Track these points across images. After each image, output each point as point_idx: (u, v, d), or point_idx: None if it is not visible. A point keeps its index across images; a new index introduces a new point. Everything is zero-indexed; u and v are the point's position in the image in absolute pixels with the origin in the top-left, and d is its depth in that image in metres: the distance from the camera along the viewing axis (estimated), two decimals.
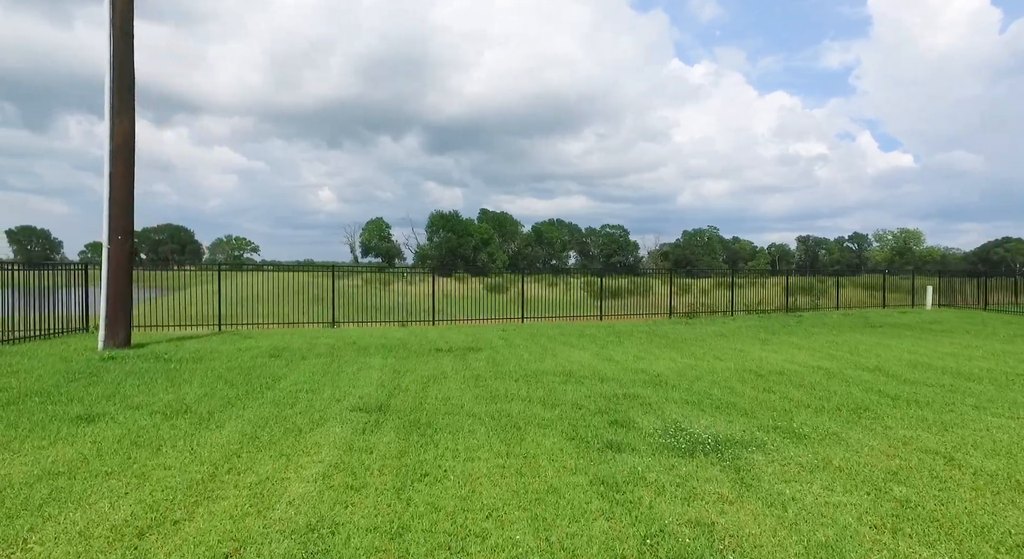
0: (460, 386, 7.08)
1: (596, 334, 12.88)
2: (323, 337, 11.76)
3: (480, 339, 11.77)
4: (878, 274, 23.26)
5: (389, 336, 12.15)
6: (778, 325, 14.84)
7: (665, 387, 7.10)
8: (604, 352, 10.07)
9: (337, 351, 9.77)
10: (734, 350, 10.30)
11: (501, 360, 9.07)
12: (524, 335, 12.62)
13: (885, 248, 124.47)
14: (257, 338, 11.44)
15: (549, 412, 5.83)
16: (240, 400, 6.13)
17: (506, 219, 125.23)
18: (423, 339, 11.70)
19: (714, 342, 11.46)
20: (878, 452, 4.60)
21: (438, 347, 10.39)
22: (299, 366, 8.27)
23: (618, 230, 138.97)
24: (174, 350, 9.49)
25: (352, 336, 12.01)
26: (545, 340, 11.74)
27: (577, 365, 8.69)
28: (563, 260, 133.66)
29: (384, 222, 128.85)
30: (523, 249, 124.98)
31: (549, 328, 14.34)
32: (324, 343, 10.77)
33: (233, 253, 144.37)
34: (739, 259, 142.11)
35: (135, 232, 9.49)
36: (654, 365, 8.72)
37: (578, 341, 11.61)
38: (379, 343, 10.90)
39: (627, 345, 11.04)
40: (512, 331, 13.45)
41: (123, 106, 9.15)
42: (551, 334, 12.85)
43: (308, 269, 15.01)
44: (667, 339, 11.96)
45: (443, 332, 13.16)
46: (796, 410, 5.95)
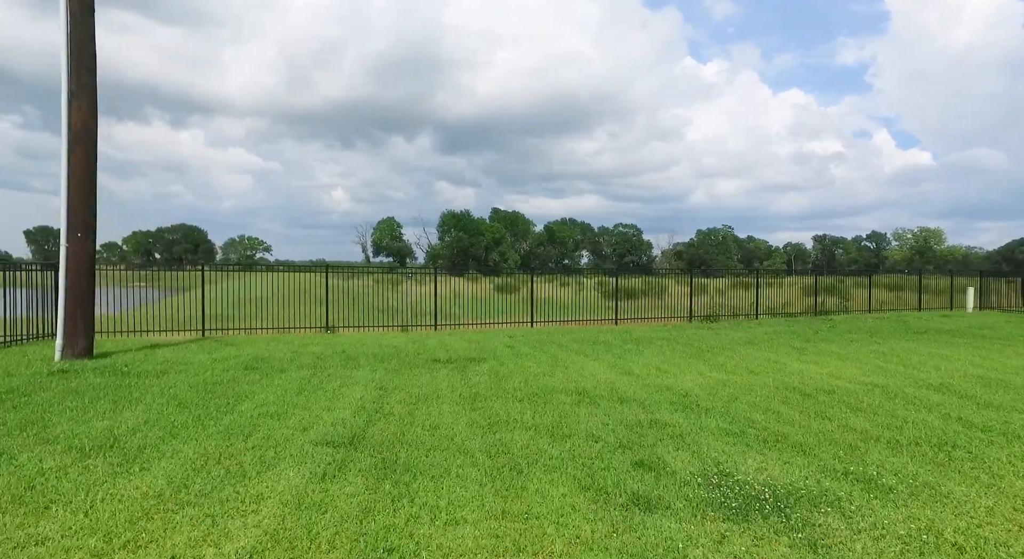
0: (454, 409, 6.01)
1: (612, 341, 11.76)
2: (312, 345, 10.76)
3: (484, 347, 10.70)
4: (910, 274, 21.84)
5: (385, 343, 11.12)
6: (809, 330, 13.62)
7: (697, 410, 5.98)
8: (621, 363, 8.95)
9: (322, 362, 8.75)
10: (768, 361, 9.14)
11: (505, 374, 7.99)
12: (533, 342, 11.53)
13: (904, 247, 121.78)
14: (240, 346, 10.46)
15: (558, 447, 4.74)
16: (187, 429, 5.11)
17: (518, 218, 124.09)
18: (421, 347, 10.66)
19: (743, 351, 10.29)
20: (1000, 517, 3.46)
21: (436, 357, 9.33)
22: (274, 381, 7.24)
23: (631, 229, 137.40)
24: (140, 361, 8.52)
25: (344, 343, 10.99)
26: (555, 348, 10.65)
27: (591, 380, 7.59)
28: (575, 260, 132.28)
29: (395, 222, 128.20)
30: (535, 248, 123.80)
31: (560, 334, 13.24)
32: (311, 352, 9.76)
33: (246, 253, 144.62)
34: (754, 258, 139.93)
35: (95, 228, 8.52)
36: (680, 380, 7.59)
37: (592, 350, 10.50)
38: (371, 352, 9.86)
39: (647, 354, 9.91)
40: (520, 337, 12.36)
41: (82, 89, 8.19)
42: (562, 341, 11.74)
43: (300, 269, 14.01)
44: (691, 347, 10.81)
45: (444, 339, 12.11)
46: (865, 446, 4.80)
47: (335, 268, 13.91)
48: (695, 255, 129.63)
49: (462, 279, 19.77)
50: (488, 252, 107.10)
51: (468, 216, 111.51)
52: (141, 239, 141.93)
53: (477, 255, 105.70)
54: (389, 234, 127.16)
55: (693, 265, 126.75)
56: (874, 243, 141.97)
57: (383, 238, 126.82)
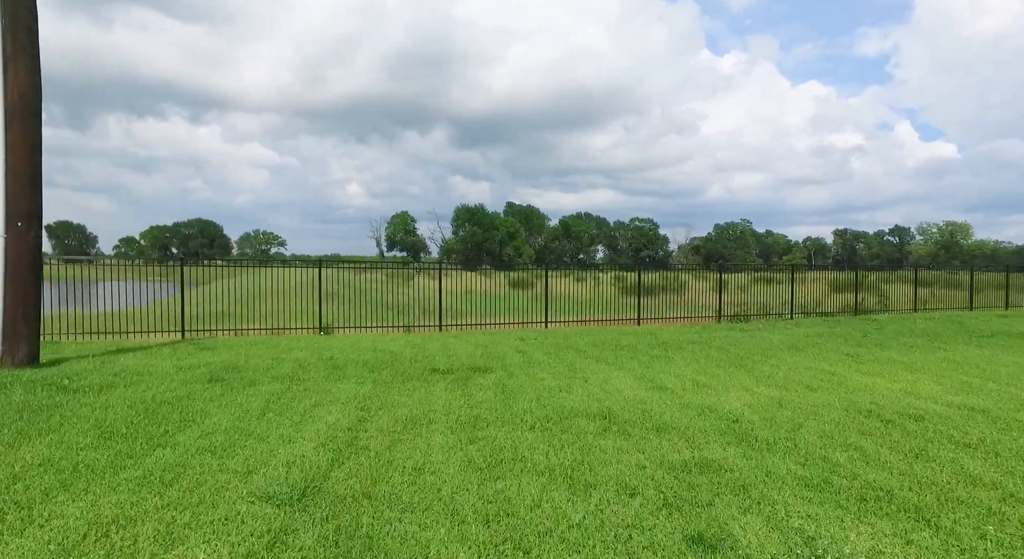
0: (447, 440, 4.77)
1: (636, 345, 10.44)
2: (299, 349, 9.58)
3: (492, 353, 9.45)
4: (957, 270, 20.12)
5: (380, 348, 9.91)
6: (856, 333, 12.18)
7: (756, 444, 4.67)
8: (650, 374, 7.65)
9: (303, 372, 7.55)
10: (823, 373, 7.77)
11: (514, 389, 6.73)
12: (547, 346, 10.26)
13: (929, 242, 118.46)
14: (217, 350, 9.31)
15: (581, 505, 3.48)
16: (94, 473, 3.91)
17: (532, 212, 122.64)
18: (420, 353, 9.43)
19: (789, 359, 8.93)
20: None
21: (435, 366, 8.10)
22: (236, 398, 6.05)
23: (647, 224, 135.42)
24: (91, 371, 7.39)
25: (334, 348, 9.79)
26: (573, 354, 9.36)
27: (617, 398, 6.30)
28: (591, 254, 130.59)
29: (409, 216, 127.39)
30: (550, 243, 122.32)
31: (578, 336, 11.95)
32: (294, 359, 8.57)
33: (260, 247, 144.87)
34: (772, 253, 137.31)
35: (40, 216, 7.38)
36: (725, 399, 6.28)
37: (615, 356, 9.20)
38: (363, 359, 8.66)
39: (678, 363, 8.59)
40: (533, 341, 11.09)
41: (18, 50, 7.01)
42: (581, 345, 10.45)
43: (293, 264, 12.85)
44: (727, 354, 9.46)
45: (448, 342, 10.87)
46: (1010, 509, 3.47)
47: (329, 263, 12.72)
48: (713, 250, 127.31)
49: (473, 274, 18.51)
50: (502, 247, 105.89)
51: (482, 210, 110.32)
52: (158, 234, 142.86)
53: (491, 250, 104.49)
54: (403, 228, 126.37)
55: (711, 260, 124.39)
56: (897, 238, 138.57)
57: (397, 232, 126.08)
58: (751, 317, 15.81)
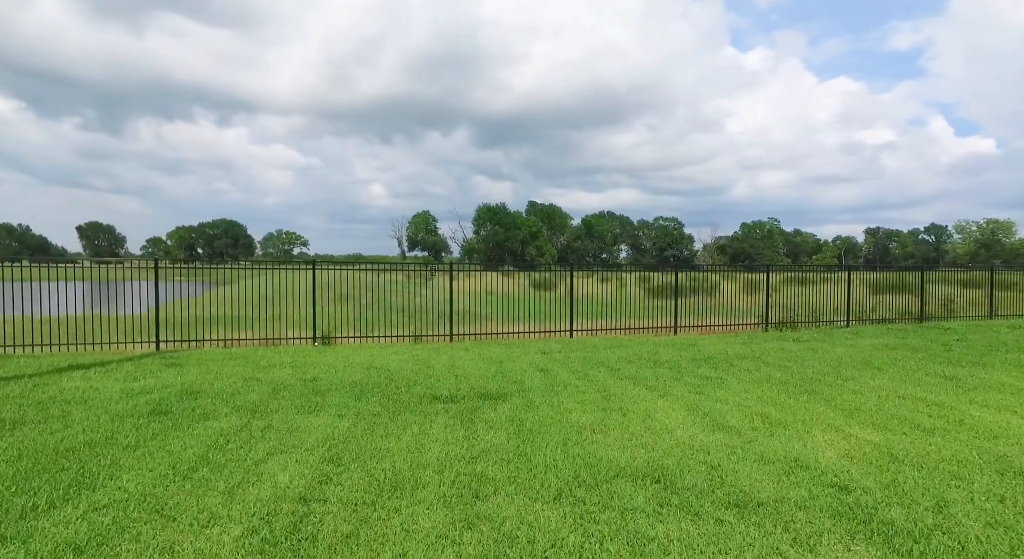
0: (436, 522, 3.29)
1: (678, 361, 8.86)
2: (280, 366, 8.19)
3: (508, 371, 7.96)
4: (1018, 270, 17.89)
5: (379, 363, 8.48)
6: (935, 346, 10.40)
7: (894, 539, 3.11)
8: (705, 404, 6.08)
9: (274, 399, 6.15)
10: (926, 404, 6.11)
11: (534, 426, 5.23)
12: (574, 362, 8.73)
13: (968, 240, 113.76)
14: (185, 368, 7.97)
15: None
16: None
17: (555, 212, 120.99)
18: (424, 370, 7.98)
19: (871, 382, 7.26)
20: None
21: (437, 391, 6.63)
22: (171, 442, 4.66)
23: (672, 223, 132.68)
24: (13, 397, 6.07)
25: (324, 364, 8.39)
26: (605, 374, 7.82)
27: (670, 443, 4.76)
28: (614, 254, 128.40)
29: (431, 216, 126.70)
30: (572, 242, 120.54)
31: (608, 348, 10.39)
32: (271, 379, 7.19)
33: (283, 247, 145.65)
34: (801, 252, 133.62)
35: None
36: (812, 445, 4.69)
37: (655, 376, 7.64)
38: (353, 380, 7.24)
39: (734, 386, 7.00)
40: (557, 355, 9.57)
41: None
42: (612, 361, 8.91)
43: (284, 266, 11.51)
44: (790, 373, 7.83)
45: (458, 356, 9.40)
46: None
47: (322, 264, 11.33)
48: (739, 249, 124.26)
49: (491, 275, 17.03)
50: (524, 246, 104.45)
51: (504, 209, 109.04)
52: (184, 234, 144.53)
53: (513, 249, 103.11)
54: (424, 228, 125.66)
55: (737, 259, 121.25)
56: (933, 236, 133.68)
57: (418, 232, 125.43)
58: (799, 324, 14.07)
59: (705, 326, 13.51)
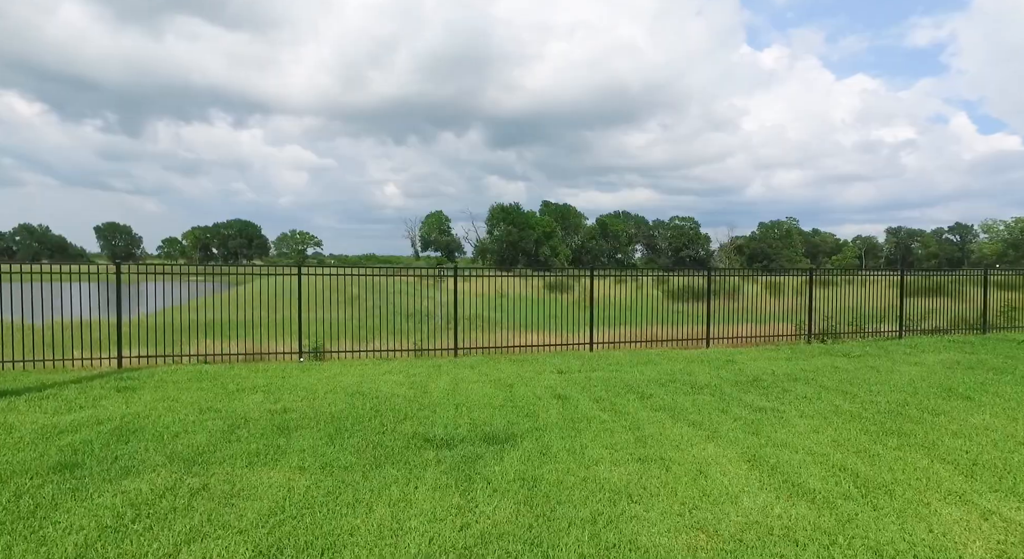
0: None
1: (718, 383, 7.50)
2: (251, 390, 6.94)
3: (519, 399, 6.66)
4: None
5: (367, 387, 7.21)
6: (1020, 364, 8.93)
7: None
8: (768, 453, 4.74)
9: (226, 442, 4.91)
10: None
11: (550, 491, 3.93)
12: (596, 385, 7.41)
13: (996, 240, 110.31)
14: (137, 392, 6.75)
15: None
16: None
17: (569, 211, 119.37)
18: (418, 398, 6.70)
19: (968, 419, 5.86)
20: None
21: (430, 432, 5.34)
22: (58, 522, 3.42)
23: (688, 222, 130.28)
24: None
25: (301, 389, 7.12)
26: (635, 403, 6.50)
27: (739, 524, 3.44)
28: (628, 254, 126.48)
29: (444, 216, 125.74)
30: (587, 242, 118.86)
31: (634, 365, 9.05)
32: (232, 410, 5.95)
33: (296, 247, 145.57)
34: (820, 252, 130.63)
35: None
36: (941, 529, 3.35)
37: (695, 407, 6.30)
38: (332, 411, 5.99)
39: (796, 422, 5.65)
40: (576, 375, 8.25)
41: None
42: (641, 383, 7.57)
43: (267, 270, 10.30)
44: (860, 404, 6.44)
45: (462, 377, 8.12)
46: None
47: (310, 266, 10.03)
48: (757, 249, 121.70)
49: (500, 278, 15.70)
50: (538, 246, 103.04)
51: (517, 209, 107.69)
52: (199, 234, 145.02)
53: (527, 249, 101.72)
54: (437, 228, 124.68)
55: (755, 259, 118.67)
56: (958, 236, 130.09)
57: (431, 232, 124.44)
58: (841, 335, 12.59)
59: (739, 337, 12.09)
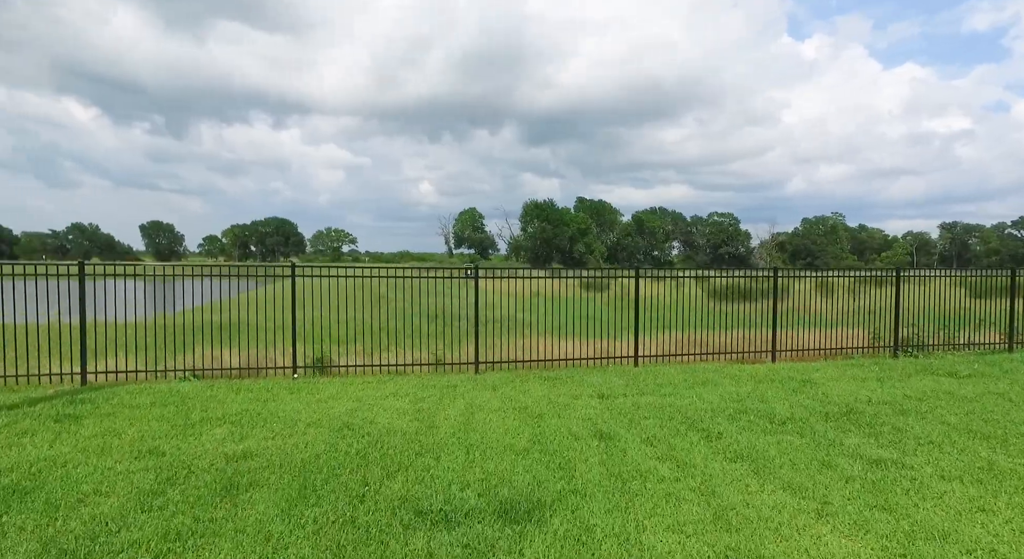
0: None
1: (805, 417, 5.88)
2: (213, 422, 5.63)
3: (549, 440, 5.19)
4: None
5: (360, 419, 5.83)
6: None
7: None
8: (920, 550, 3.17)
9: (144, 510, 3.59)
10: None
11: None
12: (648, 421, 5.87)
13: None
14: (75, 423, 5.47)
15: None
16: None
17: (604, 208, 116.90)
18: (422, 435, 5.30)
19: None
20: None
21: (424, 501, 3.90)
22: None
23: (727, 218, 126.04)
24: None
25: (280, 418, 5.77)
26: (702, 448, 4.95)
27: None
28: (665, 251, 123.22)
29: (477, 213, 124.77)
30: (622, 239, 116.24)
31: (690, 386, 7.46)
32: (174, 456, 4.63)
33: (332, 245, 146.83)
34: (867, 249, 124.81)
35: None
36: None
37: (782, 455, 4.73)
38: (306, 455, 4.63)
39: (936, 487, 4.03)
40: (620, 401, 6.72)
41: None
42: (704, 415, 6.00)
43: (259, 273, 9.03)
44: (1017, 455, 4.76)
45: (479, 402, 6.68)
46: None
47: (303, 267, 8.60)
48: (800, 246, 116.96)
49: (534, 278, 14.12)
50: (573, 243, 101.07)
51: (551, 206, 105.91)
52: (238, 232, 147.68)
53: (561, 246, 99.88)
54: (471, 225, 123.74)
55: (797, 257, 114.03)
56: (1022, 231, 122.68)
57: (465, 229, 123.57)
58: (930, 347, 10.68)
59: (809, 351, 10.31)
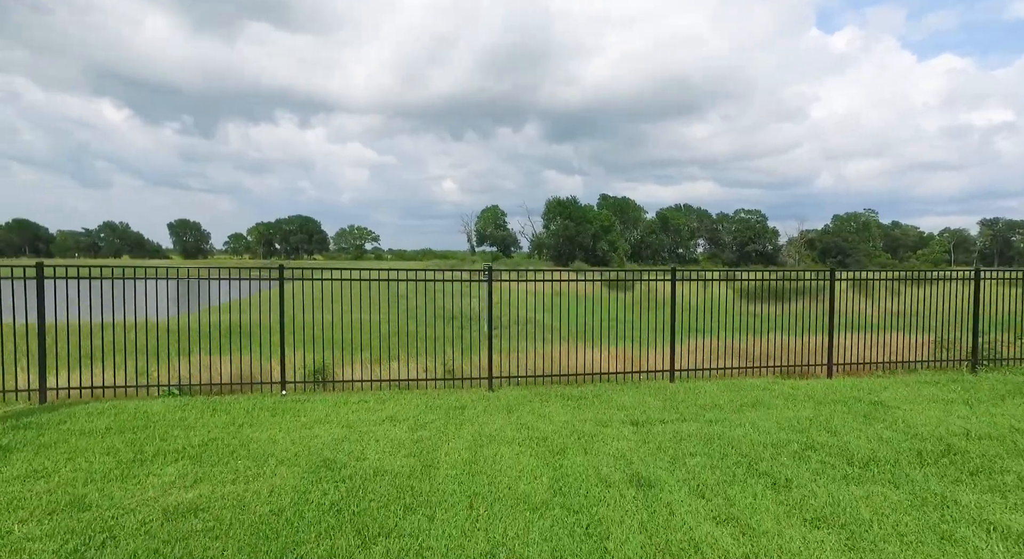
0: None
1: (893, 458, 4.73)
2: (162, 458, 4.66)
3: (574, 490, 4.13)
4: None
5: (344, 456, 4.82)
6: None
7: None
8: None
9: None
10: None
11: None
12: (695, 458, 4.77)
13: None
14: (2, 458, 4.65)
15: None
16: None
17: (628, 205, 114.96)
18: (414, 481, 4.27)
19: None
20: None
21: None
22: None
23: (755, 215, 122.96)
24: None
25: (241, 458, 4.78)
26: (767, 500, 3.85)
27: None
28: (691, 249, 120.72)
29: (500, 210, 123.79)
30: (646, 237, 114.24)
31: (738, 410, 6.33)
32: (97, 514, 3.67)
33: (355, 243, 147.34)
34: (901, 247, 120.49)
35: None
36: None
37: (876, 516, 3.60)
38: (260, 515, 3.64)
39: None
40: (658, 429, 5.62)
41: None
42: (762, 450, 4.88)
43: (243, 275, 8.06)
44: None
45: (490, 432, 5.64)
46: None
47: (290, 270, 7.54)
48: (831, 243, 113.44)
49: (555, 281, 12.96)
50: (596, 241, 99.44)
51: (574, 203, 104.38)
52: (263, 230, 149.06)
53: (584, 244, 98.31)
54: (493, 223, 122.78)
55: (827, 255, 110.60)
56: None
57: (487, 227, 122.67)
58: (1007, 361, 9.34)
59: (864, 365, 9.05)
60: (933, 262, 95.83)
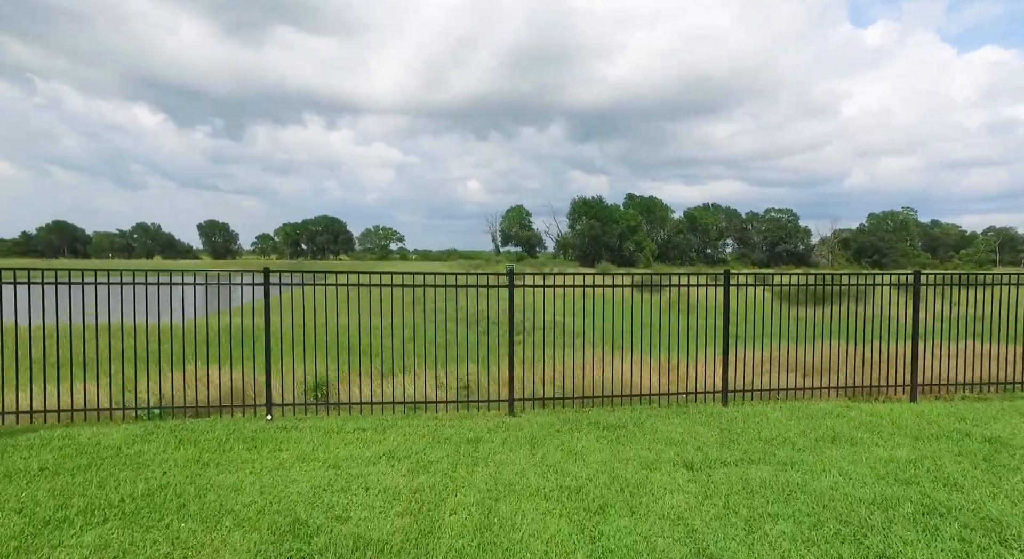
0: None
1: None
2: (87, 523, 3.62)
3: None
4: None
5: (318, 515, 3.75)
6: None
7: None
8: None
9: None
10: None
11: None
12: (775, 524, 3.59)
13: None
14: None
15: None
16: None
17: (654, 204, 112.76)
18: (409, 555, 3.21)
19: None
20: None
21: None
22: None
23: (785, 214, 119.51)
24: None
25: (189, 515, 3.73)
26: None
27: None
28: (719, 249, 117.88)
29: (524, 210, 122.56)
30: (673, 237, 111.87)
31: (813, 447, 5.10)
32: None
33: (379, 243, 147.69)
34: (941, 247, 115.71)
35: None
36: None
37: None
38: None
39: None
40: (718, 473, 4.45)
41: None
42: (859, 508, 3.69)
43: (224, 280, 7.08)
44: None
45: (509, 481, 4.51)
46: None
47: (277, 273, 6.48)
48: (866, 243, 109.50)
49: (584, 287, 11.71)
50: (622, 241, 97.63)
51: (600, 203, 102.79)
52: (289, 231, 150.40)
53: (610, 244, 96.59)
54: (518, 223, 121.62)
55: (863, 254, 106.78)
56: None
57: (512, 227, 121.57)
58: None
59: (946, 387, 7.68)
60: (978, 262, 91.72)
